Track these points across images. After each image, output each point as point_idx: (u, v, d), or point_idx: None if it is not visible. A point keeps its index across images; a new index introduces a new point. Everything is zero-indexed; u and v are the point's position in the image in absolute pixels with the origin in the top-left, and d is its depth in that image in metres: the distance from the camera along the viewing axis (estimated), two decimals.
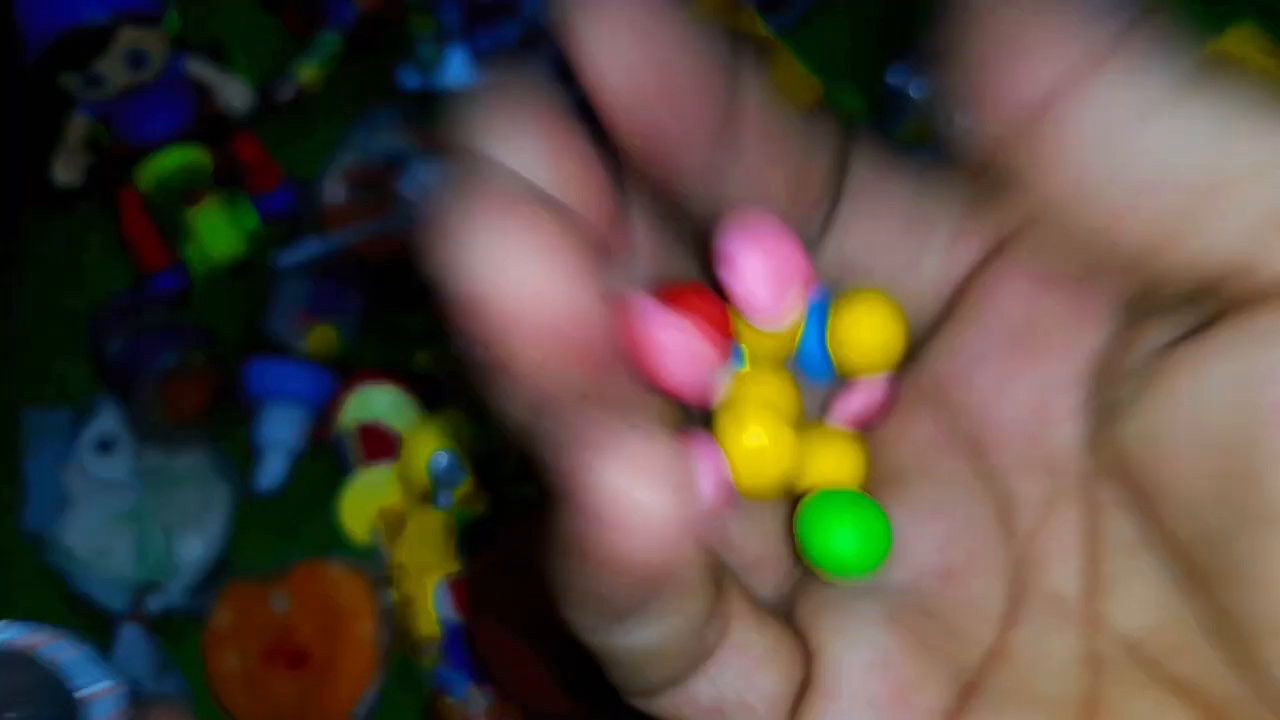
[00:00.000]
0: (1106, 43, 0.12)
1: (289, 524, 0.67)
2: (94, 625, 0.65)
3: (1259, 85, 0.12)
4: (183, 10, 0.71)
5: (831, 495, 0.16)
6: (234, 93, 0.69)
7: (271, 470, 0.66)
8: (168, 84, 0.67)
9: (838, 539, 0.15)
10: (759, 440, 0.15)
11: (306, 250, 0.68)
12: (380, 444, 0.62)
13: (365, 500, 0.62)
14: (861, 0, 0.80)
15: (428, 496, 0.60)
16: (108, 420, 0.67)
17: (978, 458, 0.16)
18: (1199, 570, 0.13)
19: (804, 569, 0.17)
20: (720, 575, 0.15)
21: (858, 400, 0.17)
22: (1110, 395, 0.14)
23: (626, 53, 0.13)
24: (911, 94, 0.73)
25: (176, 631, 0.65)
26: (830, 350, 0.17)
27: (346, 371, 0.67)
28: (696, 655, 0.15)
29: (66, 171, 0.67)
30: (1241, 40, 0.72)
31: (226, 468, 0.67)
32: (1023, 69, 0.12)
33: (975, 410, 0.16)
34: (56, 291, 0.75)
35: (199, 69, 0.69)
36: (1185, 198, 0.12)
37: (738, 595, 0.16)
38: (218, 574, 0.65)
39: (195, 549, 0.65)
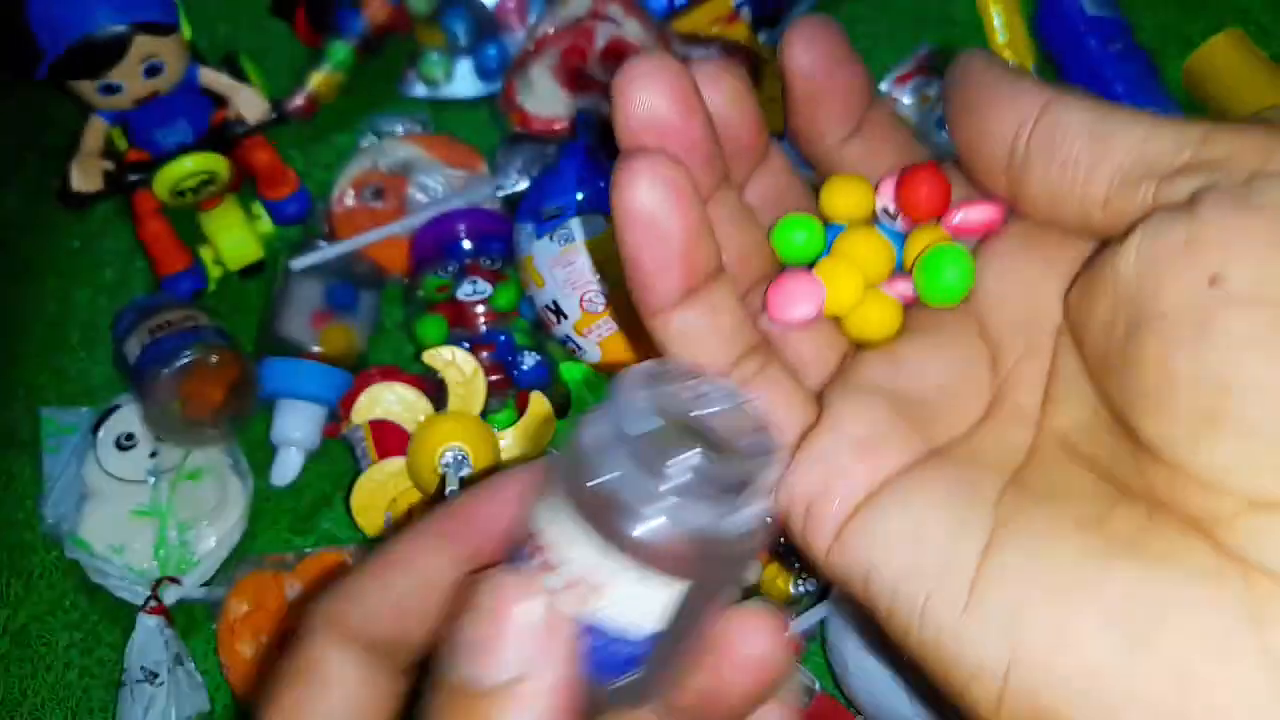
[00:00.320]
0: (1046, 92, 0.22)
1: (303, 517, 0.69)
2: (112, 617, 0.67)
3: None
4: (195, 20, 0.73)
5: (944, 247, 0.23)
6: (248, 101, 0.70)
7: (286, 466, 0.68)
8: (184, 92, 0.69)
9: (945, 273, 0.23)
10: (847, 282, 0.23)
11: (319, 254, 0.70)
12: (391, 440, 0.64)
13: (376, 495, 0.63)
14: (853, 15, 0.82)
15: (436, 490, 0.61)
16: (127, 418, 0.68)
17: (983, 321, 0.23)
18: (1107, 379, 0.20)
19: (836, 371, 0.24)
20: (763, 346, 0.23)
21: (977, 213, 0.23)
22: (1076, 283, 0.21)
23: (812, 55, 0.24)
24: (904, 101, 0.75)
25: (193, 622, 0.67)
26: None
27: (359, 371, 0.68)
28: (734, 365, 0.22)
29: (84, 178, 0.68)
30: (1228, 46, 0.74)
31: (242, 464, 0.69)
32: (1004, 110, 0.22)
33: (986, 290, 0.23)
34: (76, 292, 0.77)
35: (213, 78, 0.70)
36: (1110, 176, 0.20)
37: (781, 361, 0.23)
38: (233, 566, 0.66)
39: (211, 542, 0.66)
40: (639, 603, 0.18)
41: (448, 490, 0.59)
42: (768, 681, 0.21)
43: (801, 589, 0.57)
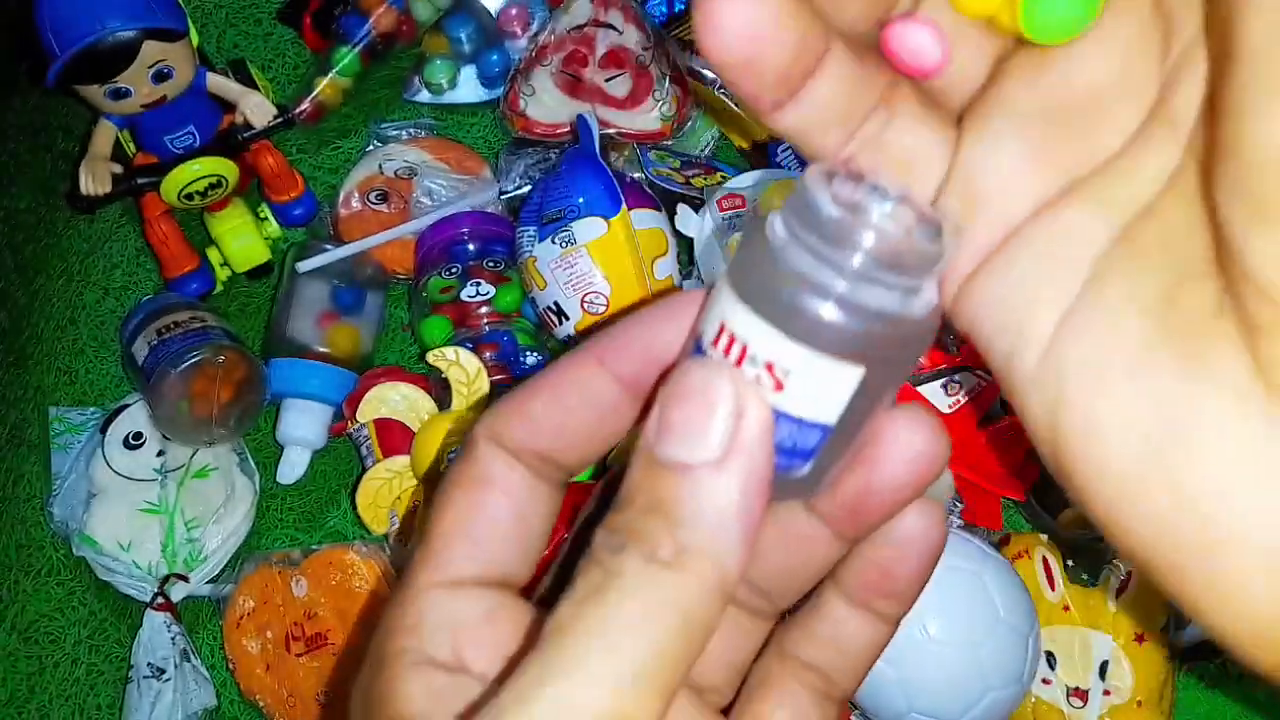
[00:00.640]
0: None
1: (309, 515, 0.70)
2: (119, 613, 0.68)
3: None
4: (203, 27, 0.73)
5: None
6: (255, 106, 0.71)
7: (292, 465, 0.69)
8: (192, 97, 0.69)
9: (1052, 4, 0.19)
10: None
11: (325, 256, 0.71)
12: (396, 439, 0.64)
13: (382, 492, 0.64)
14: None
15: None
16: (135, 417, 0.69)
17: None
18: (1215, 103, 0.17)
19: (984, 84, 0.21)
20: (882, 84, 0.20)
21: None
22: None
23: None
24: None
25: (199, 618, 0.68)
26: None
27: (364, 371, 0.69)
28: (858, 133, 0.20)
29: (92, 181, 0.69)
30: None
31: (249, 463, 0.70)
32: None
33: None
34: (85, 293, 0.77)
35: (221, 84, 0.71)
36: None
37: (914, 100, 0.21)
38: (240, 563, 0.67)
39: (218, 540, 0.67)
40: (819, 390, 0.19)
41: None
42: (921, 478, 0.21)
43: None
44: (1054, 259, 0.19)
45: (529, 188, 0.73)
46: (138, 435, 0.69)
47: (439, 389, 0.65)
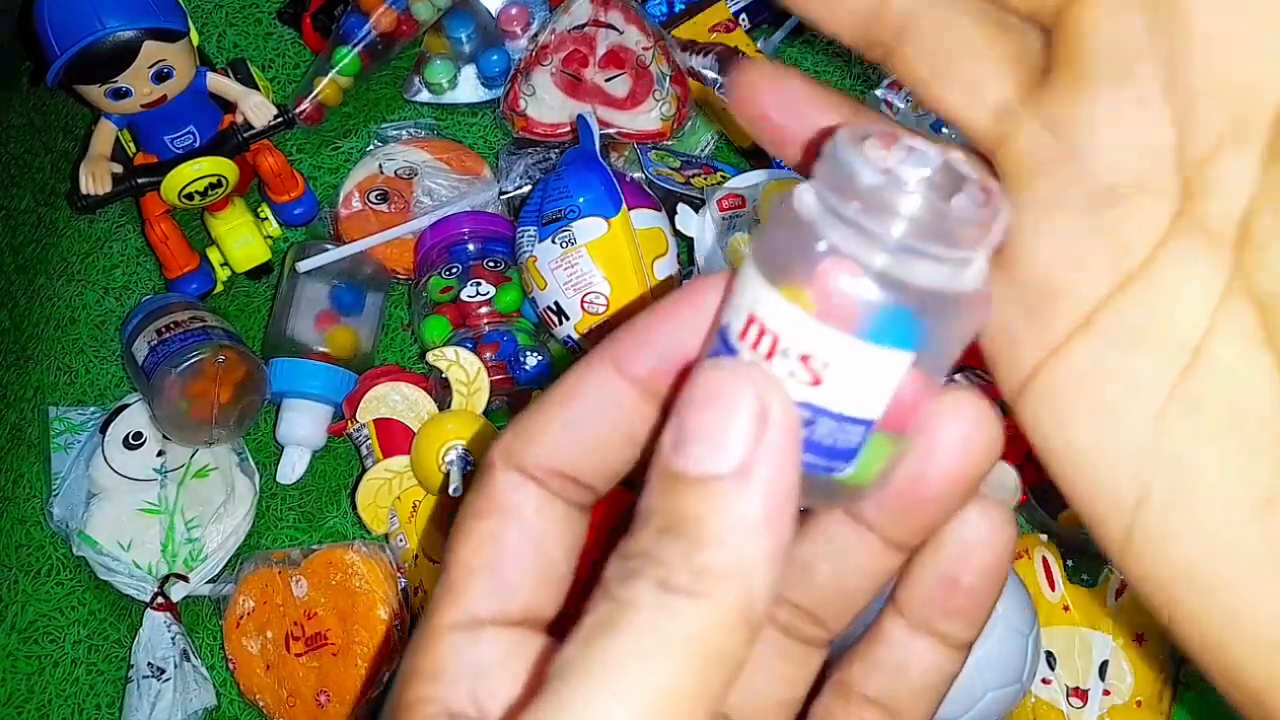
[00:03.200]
0: None
1: (309, 515, 0.70)
2: (119, 613, 0.68)
3: None
4: (204, 27, 0.73)
5: None
6: (256, 106, 0.71)
7: (292, 465, 0.69)
8: (193, 97, 0.69)
9: None
10: None
11: (325, 256, 0.71)
12: (396, 439, 0.64)
13: (381, 492, 0.64)
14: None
15: (440, 487, 0.62)
16: (135, 417, 0.69)
17: (1172, 74, 0.16)
18: None
19: None
20: None
21: None
22: None
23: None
24: (900, 104, 0.76)
25: (199, 618, 0.68)
26: None
27: (364, 371, 0.69)
28: None
29: (93, 181, 0.69)
30: None
31: (249, 462, 0.70)
32: None
33: (1183, 21, 0.16)
34: (85, 293, 0.77)
35: (221, 84, 0.71)
36: None
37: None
38: (239, 563, 0.67)
39: (218, 540, 0.67)
40: (862, 381, 0.17)
41: (451, 488, 0.60)
42: (975, 467, 0.19)
43: None
44: (1116, 406, 0.18)
45: (529, 188, 0.73)
46: (138, 435, 0.69)
47: (439, 389, 0.65)
